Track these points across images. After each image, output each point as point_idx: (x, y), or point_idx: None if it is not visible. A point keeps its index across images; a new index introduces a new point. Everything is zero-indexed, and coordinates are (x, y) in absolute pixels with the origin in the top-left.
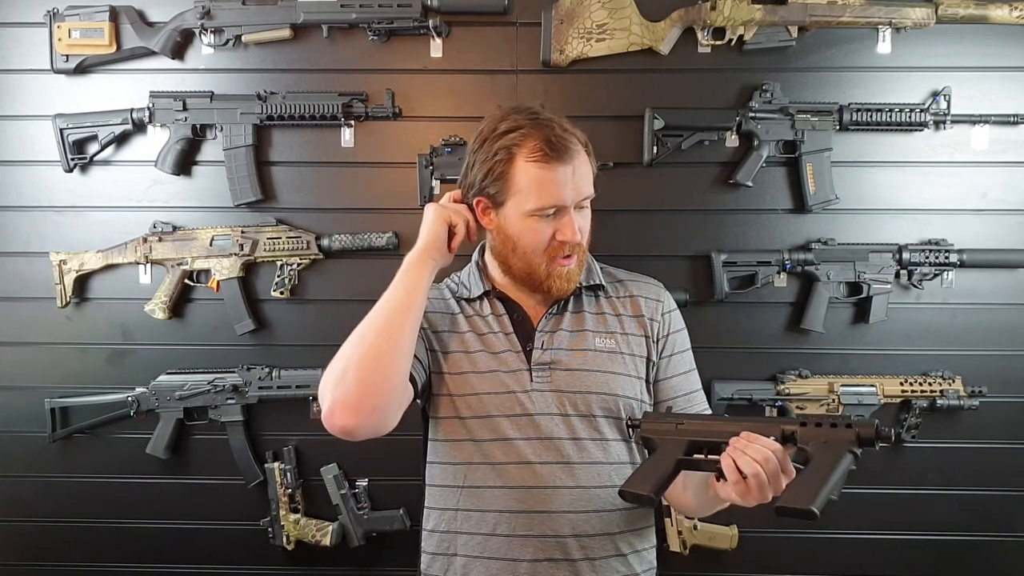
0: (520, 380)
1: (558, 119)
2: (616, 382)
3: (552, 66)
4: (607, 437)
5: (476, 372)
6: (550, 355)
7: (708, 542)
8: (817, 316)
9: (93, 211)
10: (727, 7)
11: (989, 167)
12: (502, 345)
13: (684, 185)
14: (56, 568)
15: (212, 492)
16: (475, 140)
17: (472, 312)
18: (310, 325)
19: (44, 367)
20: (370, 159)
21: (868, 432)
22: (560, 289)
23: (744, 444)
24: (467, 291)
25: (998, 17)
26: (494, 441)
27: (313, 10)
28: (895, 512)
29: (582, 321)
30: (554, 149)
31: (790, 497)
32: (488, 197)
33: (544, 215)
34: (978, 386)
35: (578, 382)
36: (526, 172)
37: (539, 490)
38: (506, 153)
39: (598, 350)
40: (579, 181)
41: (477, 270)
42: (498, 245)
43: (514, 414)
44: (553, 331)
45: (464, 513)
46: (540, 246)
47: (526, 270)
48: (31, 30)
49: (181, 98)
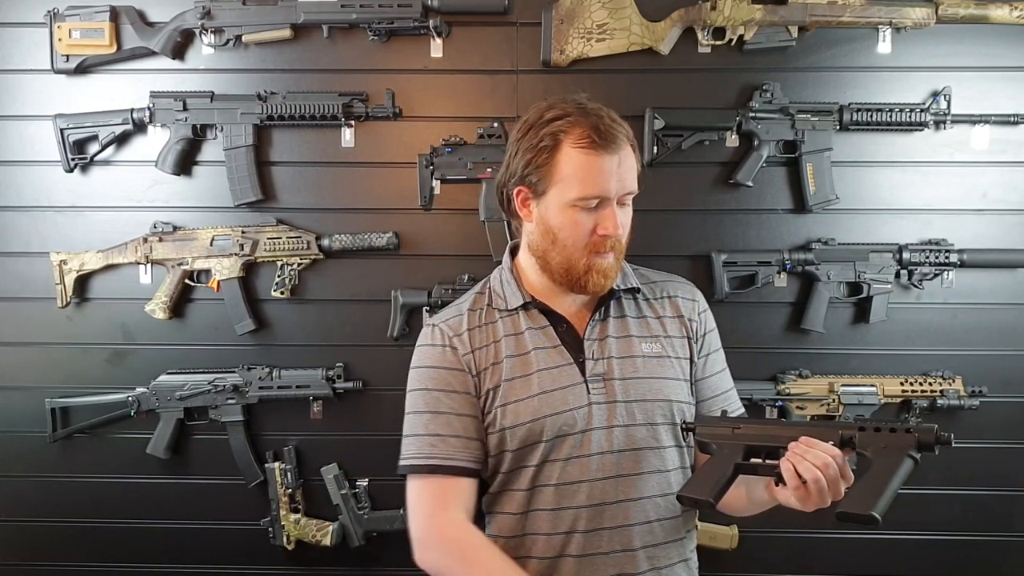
0: (578, 395)
1: (607, 110)
2: (668, 387)
3: (552, 66)
4: (664, 444)
5: (530, 397)
6: (603, 365)
7: (708, 542)
8: (817, 316)
9: (93, 211)
10: (727, 7)
11: (989, 167)
12: (553, 361)
13: (684, 185)
14: (56, 568)
15: (212, 492)
16: (519, 129)
17: (513, 329)
18: (310, 325)
19: (44, 367)
20: (370, 159)
21: (928, 437)
22: (597, 285)
23: (804, 449)
24: (503, 302)
25: (998, 17)
26: (555, 462)
27: (313, 10)
28: (896, 512)
29: (626, 327)
30: (602, 137)
31: (851, 503)
32: (530, 186)
33: (587, 207)
34: (978, 386)
35: (633, 391)
36: (571, 159)
37: (605, 506)
38: (552, 139)
39: (646, 356)
40: (624, 173)
41: (512, 277)
42: (537, 238)
43: (573, 432)
44: (601, 339)
45: (531, 538)
46: (581, 239)
47: (564, 265)
48: (31, 30)
49: (181, 98)
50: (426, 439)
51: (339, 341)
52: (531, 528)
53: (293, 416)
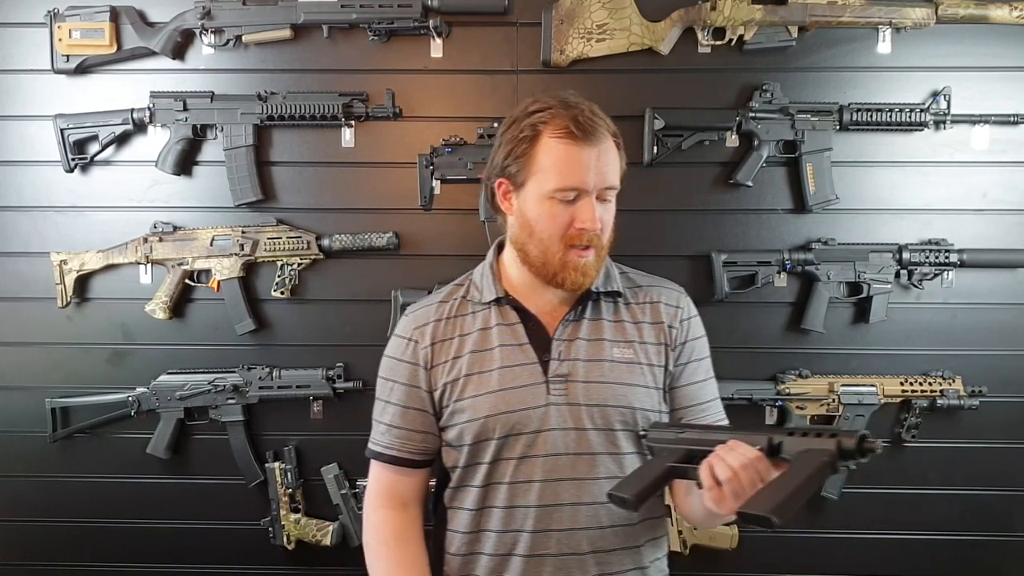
0: (536, 395)
1: (590, 104)
2: (634, 394)
3: (552, 66)
4: (623, 450)
5: (487, 393)
6: (567, 366)
7: (708, 542)
8: (817, 316)
9: (93, 211)
10: (727, 7)
11: (989, 167)
12: (516, 359)
13: (684, 185)
14: (56, 568)
15: (212, 492)
16: (504, 123)
17: (483, 324)
18: (310, 325)
19: (45, 367)
20: (370, 159)
21: (849, 443)
22: (574, 283)
23: (725, 451)
24: (479, 294)
25: (998, 17)
26: (508, 460)
27: (313, 10)
28: (895, 512)
29: (600, 329)
30: (581, 128)
31: (751, 503)
32: (510, 178)
33: (564, 199)
34: (978, 386)
35: (596, 395)
36: (549, 149)
37: (555, 507)
38: (532, 130)
39: (616, 360)
40: (604, 167)
41: (491, 272)
42: (517, 231)
43: (529, 431)
44: (570, 340)
45: (484, 534)
46: (557, 232)
47: (541, 258)
48: (32, 30)
49: (181, 98)
50: (379, 426)
51: (339, 341)
52: (484, 525)
53: (293, 416)
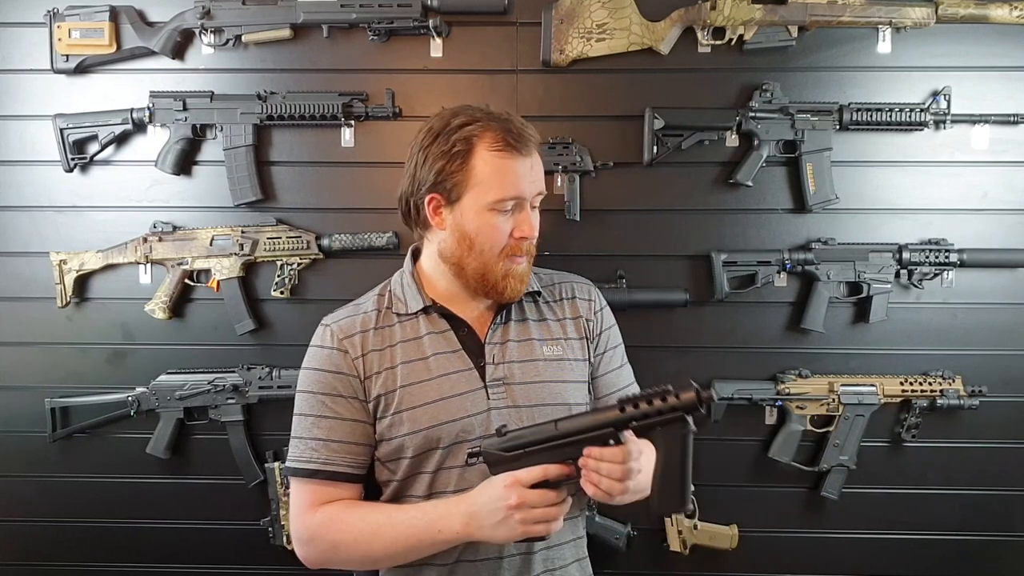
0: (476, 401)
1: (514, 114)
2: (568, 390)
3: (552, 66)
4: None
5: (428, 403)
6: (503, 370)
7: (708, 542)
8: (817, 316)
9: (93, 211)
10: (727, 7)
11: (989, 167)
12: (453, 366)
13: (684, 185)
14: (56, 568)
15: (212, 492)
16: (423, 138)
17: (412, 334)
18: (310, 325)
19: (44, 367)
20: (370, 159)
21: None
22: (514, 291)
23: (596, 464)
24: (403, 306)
25: (998, 17)
26: (452, 469)
27: (313, 10)
28: (895, 512)
29: (528, 330)
30: (516, 140)
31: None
32: (443, 193)
33: (503, 209)
34: (978, 386)
35: (533, 395)
36: (487, 162)
37: None
38: (465, 144)
39: (548, 359)
40: (536, 175)
41: (413, 281)
42: (451, 246)
43: (473, 438)
44: (502, 343)
45: None
46: (498, 243)
47: (481, 271)
48: (31, 30)
49: (181, 98)
50: (309, 443)
51: None
52: None
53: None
